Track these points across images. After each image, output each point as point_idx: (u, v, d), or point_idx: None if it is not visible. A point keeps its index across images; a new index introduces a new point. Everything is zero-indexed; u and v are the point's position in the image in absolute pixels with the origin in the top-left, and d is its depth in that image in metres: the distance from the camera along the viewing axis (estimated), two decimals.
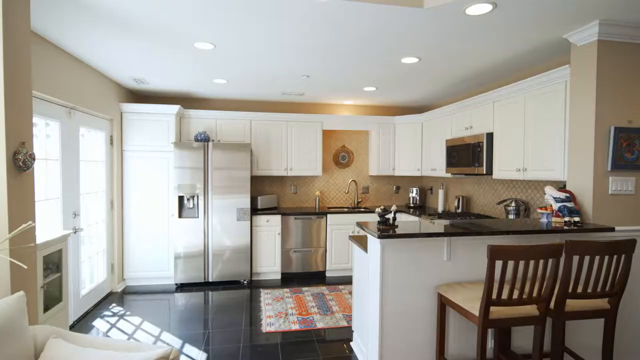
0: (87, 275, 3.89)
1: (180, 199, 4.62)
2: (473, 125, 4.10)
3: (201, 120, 5.02)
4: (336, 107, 5.75)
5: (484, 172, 3.77)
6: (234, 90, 4.76)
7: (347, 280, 4.96)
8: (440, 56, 3.31)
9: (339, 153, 5.78)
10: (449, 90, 4.71)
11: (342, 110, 5.78)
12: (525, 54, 3.25)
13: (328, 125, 5.40)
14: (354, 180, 5.69)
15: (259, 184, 5.55)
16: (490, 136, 3.77)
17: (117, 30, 2.76)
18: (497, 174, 3.70)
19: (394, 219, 2.50)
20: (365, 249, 2.70)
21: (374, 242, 2.46)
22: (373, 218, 5.20)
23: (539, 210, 2.76)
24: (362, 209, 5.59)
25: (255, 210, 5.05)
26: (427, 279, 2.43)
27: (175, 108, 4.62)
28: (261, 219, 4.91)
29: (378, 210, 2.47)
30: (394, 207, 2.50)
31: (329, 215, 5.09)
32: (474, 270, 2.49)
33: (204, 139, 4.76)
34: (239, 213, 4.73)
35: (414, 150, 5.41)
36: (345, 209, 5.63)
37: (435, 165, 4.93)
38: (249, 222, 4.77)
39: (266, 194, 5.38)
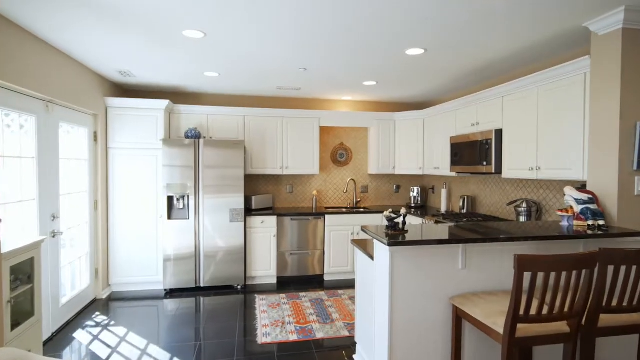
0: (68, 281, 3.61)
1: (170, 199, 4.36)
2: (480, 122, 3.88)
3: (192, 116, 4.76)
4: (334, 102, 5.51)
5: (493, 171, 3.56)
6: (226, 84, 4.50)
7: (347, 285, 4.74)
8: (447, 47, 3.09)
9: (337, 151, 5.55)
10: (452, 86, 4.49)
11: (340, 107, 5.55)
12: (539, 45, 3.04)
13: (325, 121, 5.16)
14: (352, 179, 5.46)
15: (253, 183, 5.30)
16: (499, 133, 3.55)
17: (100, 17, 2.49)
18: (506, 173, 3.49)
19: (404, 223, 2.27)
20: (370, 255, 2.47)
21: (382, 250, 2.23)
22: (373, 219, 4.98)
23: (559, 213, 2.55)
24: (362, 209, 5.35)
25: (249, 211, 4.80)
26: (441, 289, 2.20)
27: (164, 103, 4.35)
28: (256, 220, 4.66)
29: (387, 214, 2.24)
30: (403, 210, 2.26)
31: (327, 216, 4.86)
32: (491, 279, 2.27)
33: (194, 136, 4.49)
34: (232, 214, 4.48)
35: (415, 148, 5.19)
36: (344, 209, 5.40)
37: (439, 163, 4.72)
38: (243, 223, 4.51)
39: (261, 194, 5.14)
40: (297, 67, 3.72)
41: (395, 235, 2.14)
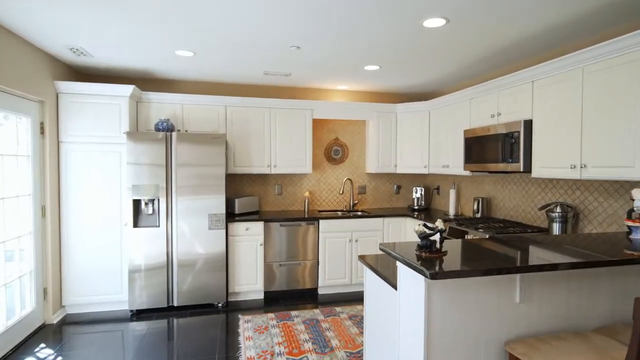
0: (2, 307, 2.90)
1: (136, 203, 3.67)
2: (502, 112, 3.33)
3: (164, 105, 4.07)
4: (328, 93, 4.89)
5: (521, 170, 3.01)
6: (204, 67, 3.83)
7: (344, 299, 4.14)
8: (475, 17, 2.51)
9: (332, 147, 4.94)
10: (466, 72, 3.93)
11: (334, 97, 4.93)
12: (586, 16, 2.49)
13: (319, 113, 4.54)
14: (349, 179, 4.86)
15: (237, 184, 4.64)
16: (528, 124, 3.00)
17: None
18: (538, 172, 2.94)
19: (442, 241, 1.67)
20: (388, 280, 1.87)
21: (413, 280, 1.63)
22: (374, 224, 4.39)
23: (629, 223, 2.00)
24: (359, 213, 4.76)
25: (231, 216, 4.15)
26: (492, 330, 1.62)
27: (128, 89, 3.65)
28: (239, 227, 4.02)
29: (419, 228, 1.65)
30: (440, 224, 1.67)
31: (321, 222, 4.25)
32: (556, 315, 1.69)
33: (166, 129, 3.81)
34: (212, 220, 3.82)
35: (419, 144, 4.62)
36: (340, 213, 4.80)
37: (448, 161, 4.16)
38: (224, 230, 3.86)
39: (245, 196, 4.49)
40: (287, 44, 3.09)
41: (432, 261, 1.55)
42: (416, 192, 4.95)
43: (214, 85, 4.54)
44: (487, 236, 2.97)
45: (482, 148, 3.46)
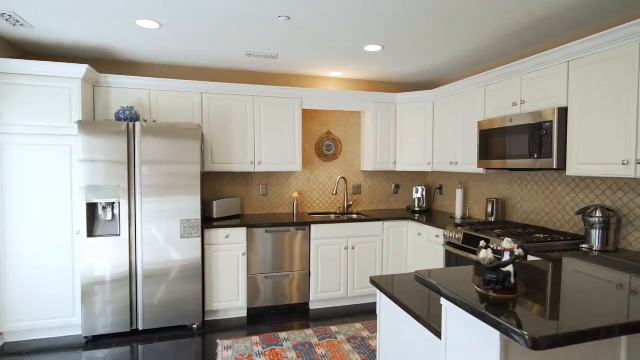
0: None
1: (91, 207, 3.04)
2: (526, 100, 2.85)
3: (127, 90, 3.43)
4: (319, 81, 4.34)
5: (554, 167, 2.53)
6: (174, 45, 3.22)
7: (339, 314, 3.61)
8: None
9: (323, 141, 4.39)
10: (482, 54, 3.44)
11: (327, 86, 4.38)
12: None
13: (310, 102, 3.98)
14: (343, 178, 4.33)
15: (215, 184, 4.04)
16: (562, 113, 2.53)
17: None
18: (575, 169, 2.48)
19: (516, 273, 1.15)
20: (423, 320, 1.34)
21: (479, 334, 1.10)
22: (372, 228, 3.87)
23: None
24: (355, 215, 4.25)
25: (209, 221, 3.56)
26: None
27: (81, 69, 3.01)
28: (218, 234, 3.43)
29: (486, 255, 1.12)
30: (507, 244, 1.15)
31: (313, 226, 3.70)
32: None
33: (130, 118, 3.19)
34: (184, 227, 3.22)
35: (422, 138, 4.13)
36: (333, 216, 4.27)
37: (456, 157, 3.67)
38: (200, 238, 3.27)
39: (225, 197, 3.90)
40: (275, 11, 2.52)
41: (506, 305, 1.02)
42: (417, 192, 4.46)
43: (189, 70, 3.92)
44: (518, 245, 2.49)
45: (501, 142, 2.98)
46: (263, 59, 3.57)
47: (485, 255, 1.11)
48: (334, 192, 4.24)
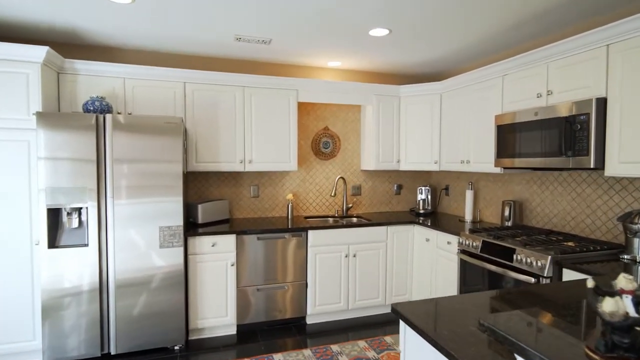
0: None
1: (54, 213, 2.61)
2: (553, 90, 2.52)
3: (98, 79, 3.00)
4: (316, 71, 3.96)
5: (592, 165, 2.20)
6: (151, 25, 2.80)
7: (339, 328, 3.25)
8: None
9: (320, 138, 4.01)
10: (498, 40, 3.11)
11: (323, 77, 4.00)
12: None
13: (306, 94, 3.60)
14: (342, 178, 3.96)
15: (200, 185, 3.63)
16: (601, 105, 2.20)
17: None
18: (614, 168, 2.15)
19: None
20: None
21: None
22: (373, 233, 3.51)
23: None
24: (354, 219, 3.89)
25: (193, 227, 3.15)
26: None
27: (40, 51, 2.58)
28: (203, 242, 3.03)
29: (614, 309, 0.75)
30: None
31: (310, 232, 3.32)
32: None
33: (100, 110, 2.76)
34: (164, 234, 2.81)
35: (429, 135, 3.78)
36: (330, 219, 3.91)
37: (468, 155, 3.34)
38: (183, 248, 2.87)
39: (211, 200, 3.50)
40: None
41: None
42: (421, 193, 4.12)
43: (170, 58, 3.50)
44: (550, 257, 2.16)
45: (523, 138, 2.64)
46: (254, 44, 3.17)
47: (614, 307, 0.74)
48: (333, 194, 3.86)
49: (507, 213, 3.12)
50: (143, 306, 2.78)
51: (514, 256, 2.37)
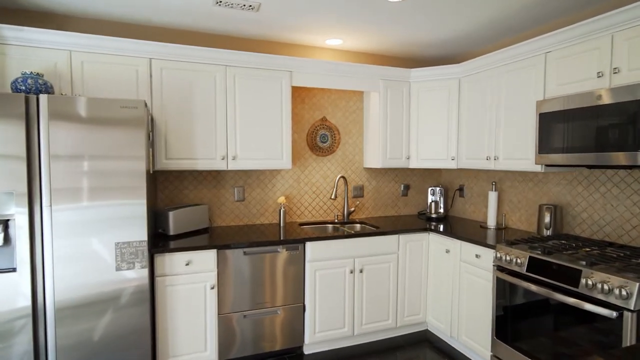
0: None
1: None
2: (621, 67, 1.99)
3: (35, 51, 2.32)
4: (312, 51, 3.35)
5: None
6: None
7: (341, 356, 2.68)
8: None
9: (317, 131, 3.41)
10: (534, 11, 2.57)
11: (321, 58, 3.40)
12: None
13: (301, 77, 2.99)
14: (342, 177, 3.37)
15: (173, 187, 2.99)
16: None
17: None
18: None
19: None
20: None
21: None
22: (383, 243, 2.95)
23: None
24: (357, 226, 3.33)
25: (163, 240, 2.51)
26: None
27: None
28: (175, 261, 2.39)
29: None
30: None
31: (308, 244, 2.73)
32: None
33: (35, 89, 2.09)
34: (122, 253, 2.17)
35: (444, 127, 3.24)
36: (330, 226, 3.33)
37: (496, 150, 2.80)
38: (147, 269, 2.22)
39: (187, 205, 2.86)
40: None
41: None
42: (433, 194, 3.58)
43: (133, 29, 2.82)
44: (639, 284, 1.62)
45: (576, 128, 2.11)
46: (239, 10, 2.54)
47: None
48: (333, 196, 3.27)
49: (547, 220, 2.60)
50: (96, 342, 2.13)
51: (582, 280, 1.83)
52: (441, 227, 3.08)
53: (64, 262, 2.06)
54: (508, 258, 2.24)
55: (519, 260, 2.17)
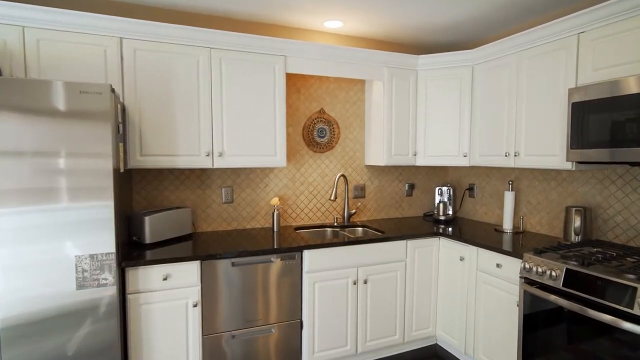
0: None
1: None
2: None
3: None
4: (308, 35, 3.00)
5: None
6: None
7: None
8: None
9: (314, 124, 3.07)
10: None
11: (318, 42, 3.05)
12: None
13: (296, 63, 2.65)
14: (343, 176, 3.04)
15: (151, 188, 2.62)
16: None
17: None
18: None
19: None
20: None
21: None
22: (389, 250, 2.63)
23: None
24: (360, 229, 3.01)
25: (138, 250, 2.15)
26: None
27: None
28: (151, 275, 2.04)
29: None
30: None
31: (306, 253, 2.39)
32: None
33: None
34: (84, 268, 1.81)
35: (456, 120, 2.92)
36: (329, 230, 3.01)
37: (517, 145, 2.50)
38: (116, 286, 1.87)
39: (166, 209, 2.50)
40: None
41: None
42: (440, 194, 3.28)
43: (103, 4, 2.44)
44: None
45: (618, 120, 1.81)
46: None
47: None
48: (332, 197, 2.94)
49: (577, 224, 2.30)
50: None
51: (637, 300, 1.53)
52: (452, 231, 2.77)
53: (10, 274, 1.69)
54: (540, 270, 1.93)
55: (553, 273, 1.86)
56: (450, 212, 3.26)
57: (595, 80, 2.02)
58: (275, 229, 2.79)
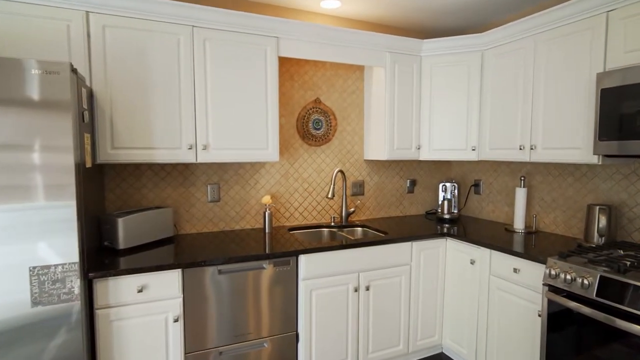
0: None
1: None
2: None
3: None
4: (303, 16, 2.73)
5: None
6: None
7: None
8: None
9: (310, 115, 2.81)
10: None
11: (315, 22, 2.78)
12: None
13: (290, 45, 2.37)
14: (341, 171, 2.79)
15: (126, 185, 2.33)
16: None
17: None
18: None
19: None
20: None
21: None
22: (393, 254, 2.39)
23: None
24: (359, 229, 2.77)
25: (110, 257, 1.87)
26: None
27: None
28: (124, 287, 1.76)
29: None
30: None
31: (302, 258, 2.14)
32: None
33: None
34: (41, 281, 1.52)
35: (463, 111, 2.69)
36: (325, 230, 2.76)
37: (533, 137, 2.27)
38: (80, 302, 1.59)
39: (143, 209, 2.22)
40: None
41: None
42: (444, 191, 3.06)
43: None
44: None
45: None
46: None
47: None
48: (330, 195, 2.68)
49: (602, 224, 2.09)
50: None
51: None
52: (459, 231, 2.55)
53: None
54: (568, 277, 1.71)
55: (585, 282, 1.64)
56: (456, 211, 3.04)
57: (628, 63, 1.80)
58: (266, 230, 2.53)
